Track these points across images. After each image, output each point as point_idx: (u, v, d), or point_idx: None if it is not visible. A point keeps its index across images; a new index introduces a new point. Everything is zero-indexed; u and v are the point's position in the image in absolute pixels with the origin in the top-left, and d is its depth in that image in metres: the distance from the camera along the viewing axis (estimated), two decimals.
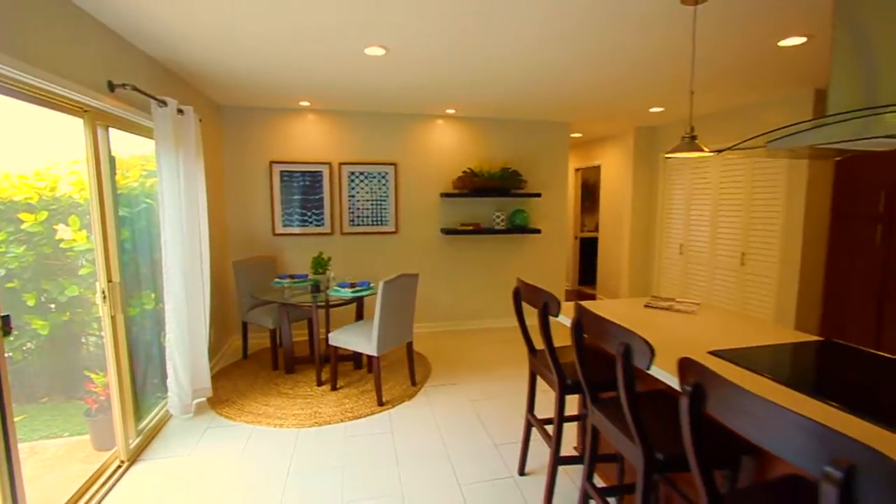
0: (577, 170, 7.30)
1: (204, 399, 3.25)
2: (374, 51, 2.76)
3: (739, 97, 4.02)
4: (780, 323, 4.05)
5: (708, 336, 1.86)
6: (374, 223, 4.80)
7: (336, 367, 3.45)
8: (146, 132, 2.88)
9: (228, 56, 2.88)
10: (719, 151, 1.87)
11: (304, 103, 4.28)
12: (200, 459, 2.55)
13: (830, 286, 3.84)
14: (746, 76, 3.34)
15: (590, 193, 7.78)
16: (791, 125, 1.44)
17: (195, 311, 3.07)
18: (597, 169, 6.74)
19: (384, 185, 4.79)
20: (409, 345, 3.56)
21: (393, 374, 3.75)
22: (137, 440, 2.66)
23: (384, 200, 4.81)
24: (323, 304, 3.46)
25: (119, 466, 2.48)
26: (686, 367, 1.11)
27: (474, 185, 4.75)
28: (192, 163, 3.06)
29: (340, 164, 4.65)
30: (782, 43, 2.61)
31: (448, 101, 4.20)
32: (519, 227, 4.97)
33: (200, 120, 3.38)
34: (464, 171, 4.85)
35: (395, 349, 4.37)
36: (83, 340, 2.78)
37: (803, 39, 2.54)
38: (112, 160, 2.56)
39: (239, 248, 4.53)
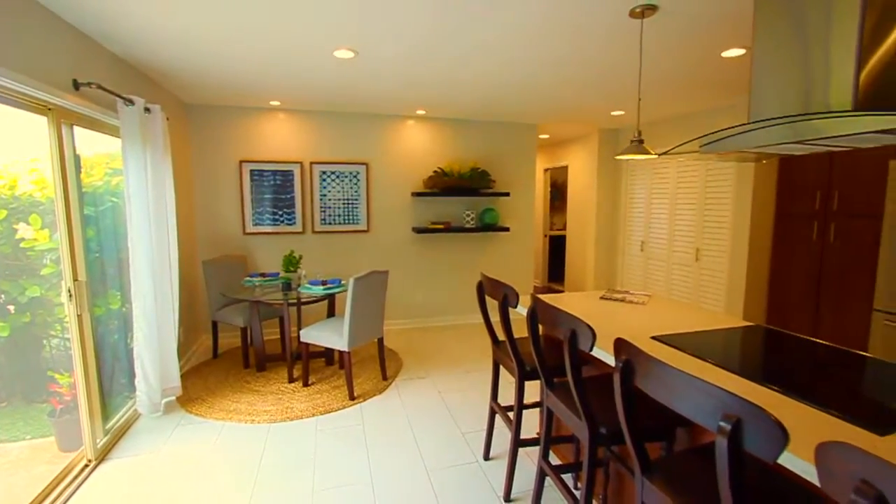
0: (545, 170, 7.52)
1: (173, 398, 3.25)
2: (344, 53, 2.84)
3: (692, 103, 4.27)
4: (731, 314, 4.33)
5: (653, 324, 2.02)
6: (346, 222, 4.86)
7: (307, 364, 3.50)
8: (112, 130, 2.87)
9: (196, 56, 2.90)
10: (661, 154, 2.04)
11: (275, 103, 4.30)
12: (170, 456, 2.58)
13: (775, 279, 4.13)
14: (695, 84, 3.57)
15: (558, 193, 8.01)
16: (719, 130, 1.61)
17: (164, 311, 3.07)
18: (564, 169, 6.96)
19: (356, 184, 4.84)
20: (380, 340, 3.64)
21: (364, 370, 3.82)
22: (105, 439, 2.65)
23: (356, 199, 4.87)
24: (294, 301, 3.50)
25: (86, 465, 2.47)
26: (619, 346, 1.25)
27: (445, 184, 4.87)
28: (160, 162, 3.06)
29: (312, 163, 4.68)
30: (725, 54, 2.82)
31: (418, 103, 4.30)
32: (488, 226, 5.12)
33: (168, 119, 3.37)
34: (434, 171, 4.96)
35: (366, 345, 4.45)
36: (45, 342, 2.75)
37: (743, 51, 2.76)
38: (77, 158, 2.55)
39: (209, 247, 4.50)
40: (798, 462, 0.93)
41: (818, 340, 1.78)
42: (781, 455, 0.85)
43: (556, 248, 7.62)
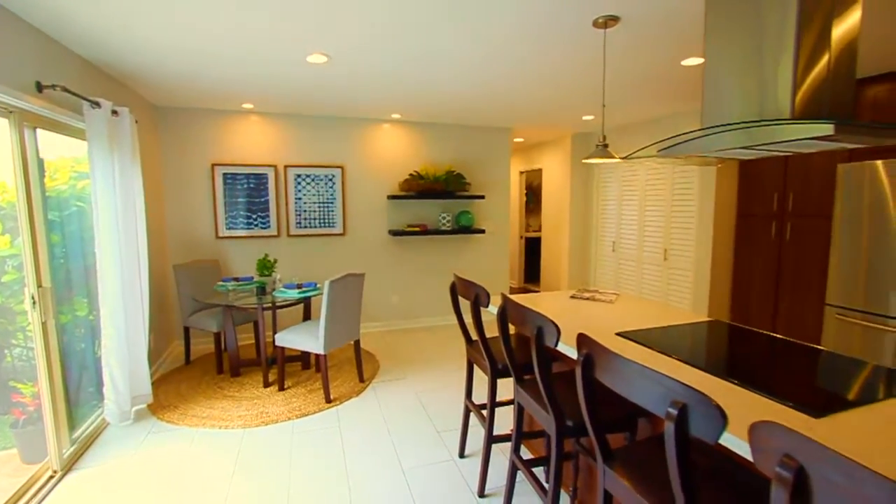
0: (521, 172, 7.64)
1: (144, 405, 3.18)
2: (317, 58, 2.85)
3: (657, 109, 4.44)
4: (697, 310, 4.50)
5: (619, 320, 2.11)
6: (322, 225, 4.84)
7: (283, 368, 3.48)
8: (77, 134, 2.81)
9: (165, 59, 2.87)
10: (624, 158, 2.13)
11: (247, 106, 4.26)
12: (140, 464, 2.53)
13: (737, 277, 4.32)
14: (659, 91, 3.72)
15: (534, 195, 8.16)
16: (673, 137, 1.71)
17: (133, 317, 3.01)
18: (539, 172, 7.10)
19: (331, 187, 4.84)
20: (357, 343, 3.65)
21: (341, 373, 3.82)
22: (72, 449, 2.59)
23: (331, 203, 4.86)
24: (269, 305, 3.48)
25: (52, 477, 2.41)
26: (581, 341, 1.31)
27: (420, 187, 4.91)
28: (129, 165, 3.01)
29: (286, 166, 4.65)
30: (685, 62, 2.96)
31: (393, 107, 4.34)
32: (464, 228, 5.18)
33: (137, 121, 3.31)
34: (410, 174, 4.99)
35: (343, 348, 4.45)
36: (6, 352, 2.66)
37: (701, 60, 2.90)
38: (40, 162, 2.49)
39: (180, 251, 4.42)
40: (735, 441, 1.01)
41: (771, 333, 1.90)
42: (722, 436, 0.92)
43: (532, 249, 7.75)
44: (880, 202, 2.94)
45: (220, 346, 3.84)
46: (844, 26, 1.46)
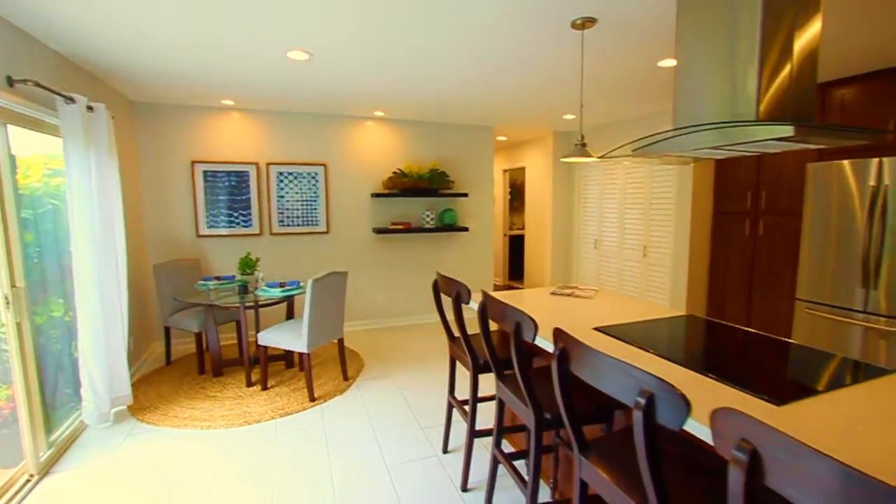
0: (504, 171, 7.70)
1: (124, 407, 3.14)
2: (298, 55, 2.84)
3: (635, 108, 4.52)
4: (675, 305, 4.61)
5: (597, 315, 2.16)
6: (305, 223, 4.82)
7: (266, 367, 3.47)
8: (51, 130, 2.75)
9: (142, 54, 2.82)
10: (601, 157, 2.18)
11: (228, 102, 4.22)
12: (121, 466, 2.50)
13: (713, 272, 4.44)
14: (636, 91, 3.80)
15: (518, 193, 8.23)
16: (645, 137, 1.76)
17: (111, 317, 2.97)
18: (522, 170, 7.16)
19: (314, 185, 4.81)
20: (341, 341, 3.66)
21: (325, 371, 3.82)
22: (49, 452, 2.54)
23: (314, 201, 4.84)
24: (251, 304, 3.46)
25: (28, 481, 2.37)
26: (557, 335, 1.35)
27: (404, 185, 4.92)
28: (105, 162, 2.96)
29: (268, 164, 4.61)
30: (661, 64, 3.03)
31: (376, 104, 4.33)
32: (448, 226, 5.21)
33: (114, 117, 3.25)
34: (394, 172, 5.00)
35: (327, 346, 4.44)
36: None
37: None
38: (12, 158, 2.44)
39: (160, 250, 4.36)
40: (699, 427, 1.06)
41: (743, 327, 1.97)
42: (686, 423, 0.97)
43: (517, 247, 7.82)
44: (847, 200, 3.06)
45: (201, 346, 3.80)
46: (806, 37, 1.53)
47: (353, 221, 5.03)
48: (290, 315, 4.01)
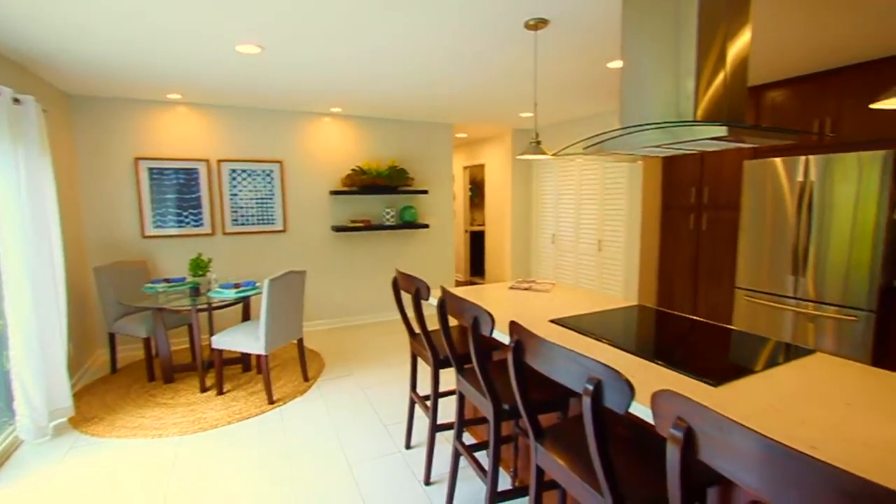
0: (465, 167, 7.76)
1: (64, 419, 2.95)
2: (248, 48, 2.75)
3: (589, 107, 4.68)
4: (628, 297, 4.82)
5: (554, 308, 2.23)
6: (261, 222, 4.68)
7: (221, 371, 3.35)
8: None
9: (76, 42, 2.65)
10: (554, 155, 2.25)
11: (174, 96, 4.02)
12: (62, 482, 2.35)
13: (662, 265, 4.67)
14: (588, 91, 3.93)
15: (477, 190, 8.31)
16: (600, 134, 1.83)
17: (48, 324, 2.78)
18: (482, 167, 7.24)
19: (270, 183, 4.68)
20: (300, 341, 3.58)
21: (285, 373, 3.74)
22: None
23: (270, 199, 4.70)
24: (204, 306, 3.33)
25: None
26: (513, 328, 1.39)
27: (363, 182, 4.87)
28: (37, 160, 2.76)
29: (220, 161, 4.44)
30: (610, 65, 3.15)
31: (332, 100, 4.26)
32: (408, 223, 5.20)
33: (45, 111, 3.03)
34: (353, 169, 4.93)
35: (286, 347, 4.34)
36: None
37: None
38: None
39: (101, 253, 4.11)
40: (642, 409, 1.13)
41: (689, 316, 2.09)
42: (631, 406, 1.02)
43: (478, 243, 7.91)
44: (779, 195, 3.29)
45: (150, 351, 3.62)
46: (738, 45, 1.65)
47: (311, 219, 4.93)
48: (246, 317, 3.89)
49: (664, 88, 1.69)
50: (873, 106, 1.56)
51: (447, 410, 3.00)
